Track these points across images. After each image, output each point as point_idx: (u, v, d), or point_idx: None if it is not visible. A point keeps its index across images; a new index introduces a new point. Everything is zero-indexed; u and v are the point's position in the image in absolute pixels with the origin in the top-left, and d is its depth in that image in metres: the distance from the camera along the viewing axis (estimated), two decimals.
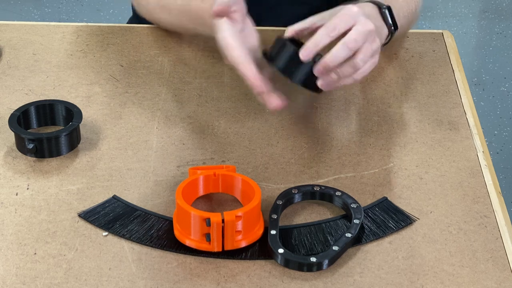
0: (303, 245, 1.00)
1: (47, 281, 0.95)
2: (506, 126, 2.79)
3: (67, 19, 3.36)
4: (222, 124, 1.21)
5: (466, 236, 1.02)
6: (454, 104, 1.26)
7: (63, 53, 1.37)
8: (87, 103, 1.25)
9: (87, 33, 1.43)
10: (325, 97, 1.27)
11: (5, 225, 1.03)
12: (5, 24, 1.45)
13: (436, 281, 0.96)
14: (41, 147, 1.12)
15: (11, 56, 1.36)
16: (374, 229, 1.03)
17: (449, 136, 1.19)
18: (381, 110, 1.25)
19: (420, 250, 1.00)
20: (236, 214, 0.96)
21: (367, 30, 1.06)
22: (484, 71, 3.09)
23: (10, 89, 1.28)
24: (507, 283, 0.95)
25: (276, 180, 1.11)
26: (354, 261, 0.98)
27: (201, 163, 1.14)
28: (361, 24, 1.06)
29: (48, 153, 1.13)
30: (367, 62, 1.08)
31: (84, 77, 1.31)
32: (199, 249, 0.98)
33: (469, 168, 1.13)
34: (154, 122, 1.22)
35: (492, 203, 1.07)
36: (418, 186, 1.10)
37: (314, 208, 1.07)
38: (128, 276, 0.96)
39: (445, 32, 1.45)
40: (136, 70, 1.31)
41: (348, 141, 1.18)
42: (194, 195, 1.06)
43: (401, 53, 1.38)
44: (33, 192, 1.08)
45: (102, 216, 1.04)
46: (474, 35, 3.34)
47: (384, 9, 1.18)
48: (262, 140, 1.18)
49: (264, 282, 0.95)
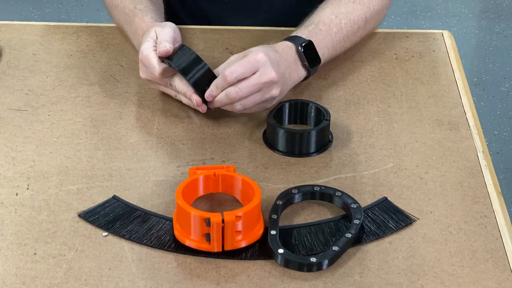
0: (303, 245, 1.00)
1: (47, 281, 0.95)
2: (506, 126, 2.79)
3: (67, 19, 3.36)
4: (222, 124, 1.21)
5: (466, 236, 1.02)
6: (454, 104, 1.26)
7: (63, 53, 1.37)
8: (87, 103, 1.25)
9: (87, 33, 1.43)
10: (326, 97, 1.27)
11: (5, 225, 1.03)
12: (5, 24, 1.45)
13: (436, 281, 0.96)
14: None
15: (11, 56, 1.36)
16: (374, 229, 1.02)
17: (449, 136, 1.19)
18: (381, 110, 1.25)
19: (420, 250, 1.00)
20: (236, 214, 0.96)
21: (262, 82, 1.14)
22: (484, 71, 3.09)
23: (10, 89, 1.28)
24: (507, 283, 0.95)
25: (276, 180, 1.11)
26: (354, 261, 0.98)
27: (201, 163, 1.14)
28: (262, 72, 1.14)
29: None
30: (250, 108, 1.17)
31: (84, 77, 1.31)
32: (199, 249, 0.98)
33: (469, 168, 1.13)
34: (154, 122, 1.22)
35: (492, 203, 1.07)
36: (418, 186, 1.10)
37: (314, 208, 1.07)
38: (128, 276, 0.96)
39: (445, 32, 1.45)
40: (136, 70, 1.31)
41: (348, 141, 1.18)
42: (194, 195, 1.05)
43: (401, 53, 1.38)
44: (33, 192, 1.08)
45: (102, 216, 1.04)
46: (474, 35, 3.34)
47: (301, 47, 1.22)
48: (262, 140, 1.18)
49: (264, 282, 0.95)
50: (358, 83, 1.31)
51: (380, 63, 1.36)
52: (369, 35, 1.40)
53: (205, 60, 1.17)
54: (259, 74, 1.14)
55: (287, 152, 1.15)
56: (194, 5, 1.52)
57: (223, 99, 1.15)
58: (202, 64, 1.17)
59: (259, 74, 1.14)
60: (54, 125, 1.20)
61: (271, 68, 1.15)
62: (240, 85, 1.14)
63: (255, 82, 1.14)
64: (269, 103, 1.19)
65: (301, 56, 1.22)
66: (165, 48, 1.16)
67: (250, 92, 1.15)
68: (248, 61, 1.15)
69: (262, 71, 1.14)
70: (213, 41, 1.41)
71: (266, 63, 1.15)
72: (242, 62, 1.15)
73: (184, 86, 1.18)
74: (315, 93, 1.28)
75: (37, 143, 1.17)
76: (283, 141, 1.15)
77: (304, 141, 1.15)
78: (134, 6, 1.32)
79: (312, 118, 1.20)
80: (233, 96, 1.14)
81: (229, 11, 1.50)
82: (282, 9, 1.49)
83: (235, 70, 1.14)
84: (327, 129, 1.17)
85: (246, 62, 1.15)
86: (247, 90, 1.14)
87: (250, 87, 1.14)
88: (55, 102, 1.25)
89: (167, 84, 1.21)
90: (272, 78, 1.15)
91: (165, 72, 1.18)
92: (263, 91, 1.16)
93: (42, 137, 1.18)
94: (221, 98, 1.15)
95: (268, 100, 1.17)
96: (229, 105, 1.16)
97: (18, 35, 1.42)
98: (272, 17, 1.49)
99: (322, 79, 1.32)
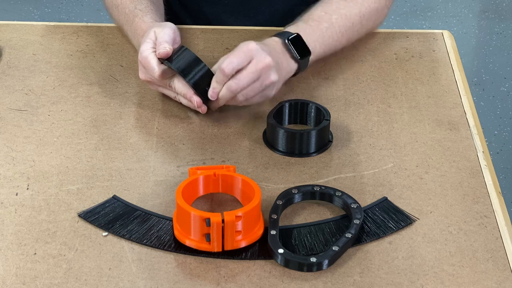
0: (303, 245, 1.00)
1: (47, 281, 0.95)
2: (506, 126, 2.79)
3: (67, 19, 3.36)
4: (222, 124, 1.21)
5: (466, 236, 1.02)
6: (454, 104, 1.26)
7: (63, 53, 1.37)
8: (87, 103, 1.25)
9: (87, 33, 1.43)
10: (325, 97, 1.27)
11: (5, 225, 1.03)
12: (5, 24, 1.45)
13: (436, 281, 0.96)
14: None
15: (11, 56, 1.36)
16: (374, 229, 1.02)
17: (449, 136, 1.19)
18: (381, 110, 1.25)
19: (420, 250, 1.00)
20: (236, 214, 0.96)
21: (259, 69, 1.15)
22: (484, 71, 3.09)
23: (10, 89, 1.28)
24: (507, 283, 0.95)
25: (276, 180, 1.11)
26: (354, 261, 0.98)
27: (201, 163, 1.14)
28: (257, 60, 1.16)
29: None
30: (253, 97, 1.18)
31: (84, 77, 1.31)
32: (199, 249, 0.98)
33: (469, 168, 1.13)
34: (154, 122, 1.22)
35: (492, 203, 1.07)
36: (418, 186, 1.10)
37: (314, 208, 1.07)
38: (128, 276, 0.96)
39: (445, 32, 1.45)
40: (136, 70, 1.31)
41: (348, 141, 1.18)
42: (194, 195, 1.05)
43: (401, 53, 1.38)
44: (33, 192, 1.08)
45: (102, 216, 1.04)
46: (474, 35, 3.34)
47: (287, 40, 1.23)
48: (262, 140, 1.18)
49: (264, 282, 0.95)
50: (358, 83, 1.31)
51: (380, 63, 1.36)
52: (369, 35, 1.40)
53: (205, 60, 1.17)
54: (255, 61, 1.16)
55: (287, 152, 1.15)
56: (194, 6, 1.52)
57: (226, 94, 1.16)
58: (202, 65, 1.17)
59: (255, 61, 1.16)
60: (54, 125, 1.20)
61: (265, 54, 1.16)
62: (239, 76, 1.15)
63: (253, 70, 1.15)
64: (270, 91, 1.19)
65: (289, 48, 1.24)
66: (165, 50, 1.17)
67: (249, 81, 1.15)
68: (241, 51, 1.16)
69: (257, 59, 1.16)
70: (213, 41, 1.41)
71: (259, 51, 1.16)
72: (236, 53, 1.16)
73: (184, 88, 1.18)
74: (315, 93, 1.28)
75: (37, 143, 1.17)
76: (283, 141, 1.15)
77: (304, 141, 1.15)
78: (134, 7, 1.33)
79: (312, 118, 1.20)
80: (234, 88, 1.15)
81: (229, 12, 1.50)
82: (282, 11, 1.49)
83: (231, 62, 1.14)
84: (327, 129, 1.17)
85: (240, 52, 1.16)
86: (247, 79, 1.15)
87: (249, 75, 1.15)
88: (55, 102, 1.25)
89: (167, 85, 1.21)
90: (268, 63, 1.16)
91: (165, 73, 1.19)
92: (262, 78, 1.16)
93: (42, 137, 1.18)
94: (223, 93, 1.16)
95: (268, 86, 1.18)
96: (232, 99, 1.17)
97: (18, 35, 1.42)
98: (272, 18, 1.49)
99: (322, 79, 1.32)
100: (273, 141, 1.16)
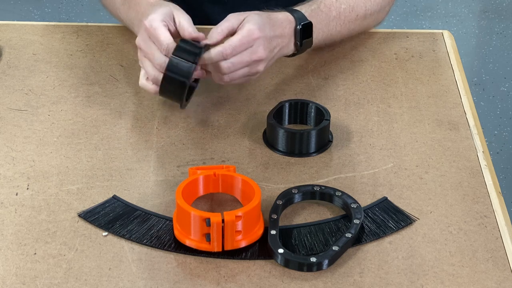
0: (303, 245, 1.00)
1: (47, 281, 0.95)
2: (506, 126, 2.79)
3: (67, 19, 3.36)
4: (222, 124, 1.21)
5: (466, 236, 1.02)
6: (454, 104, 1.26)
7: (63, 53, 1.37)
8: (87, 103, 1.25)
9: (87, 33, 1.43)
10: (325, 97, 1.27)
11: (5, 225, 1.03)
12: (5, 24, 1.45)
13: (436, 281, 0.96)
14: None
15: (11, 56, 1.36)
16: (374, 229, 1.02)
17: (449, 136, 1.19)
18: (381, 110, 1.25)
19: (420, 250, 1.00)
20: (236, 214, 0.96)
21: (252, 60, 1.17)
22: (484, 71, 3.09)
23: (10, 89, 1.28)
24: (507, 283, 0.95)
25: (276, 180, 1.11)
26: (354, 261, 0.98)
27: (201, 163, 1.14)
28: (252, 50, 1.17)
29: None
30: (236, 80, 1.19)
31: (84, 77, 1.31)
32: (199, 249, 0.98)
33: (469, 168, 1.13)
34: (154, 122, 1.22)
35: (492, 203, 1.07)
36: (418, 186, 1.10)
37: (314, 208, 1.07)
38: (128, 276, 0.96)
39: (445, 32, 1.45)
40: (136, 70, 1.31)
41: (348, 141, 1.18)
42: (194, 195, 1.05)
43: (401, 53, 1.38)
44: (33, 192, 1.08)
45: (102, 216, 1.04)
46: (474, 35, 3.34)
47: (300, 26, 1.24)
48: (262, 140, 1.18)
49: (264, 282, 0.95)
50: (358, 83, 1.31)
51: (380, 63, 1.36)
52: (369, 35, 1.40)
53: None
54: (250, 51, 1.17)
55: (287, 152, 1.15)
56: (195, 5, 1.52)
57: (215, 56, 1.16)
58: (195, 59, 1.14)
59: (250, 51, 1.17)
60: (54, 125, 1.20)
61: (263, 47, 1.17)
62: (233, 59, 1.16)
63: (247, 59, 1.17)
64: (253, 77, 1.21)
65: (297, 34, 1.25)
66: (201, 34, 1.18)
67: (240, 68, 1.18)
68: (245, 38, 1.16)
69: (254, 49, 1.17)
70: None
71: (259, 42, 1.17)
72: (242, 39, 1.16)
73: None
74: (315, 93, 1.28)
75: (37, 143, 1.17)
76: (283, 141, 1.15)
77: (304, 141, 1.15)
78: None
79: (312, 118, 1.20)
80: (225, 71, 1.17)
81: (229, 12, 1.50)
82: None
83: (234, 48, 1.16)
84: (327, 129, 1.17)
85: (244, 39, 1.16)
86: (238, 65, 1.17)
87: (241, 63, 1.17)
88: (55, 102, 1.25)
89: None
90: (262, 57, 1.18)
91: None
92: (251, 67, 1.19)
93: (42, 137, 1.18)
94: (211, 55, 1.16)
95: (253, 74, 1.20)
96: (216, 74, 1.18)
97: (18, 35, 1.42)
98: None
99: (322, 79, 1.32)
100: (273, 141, 1.16)
